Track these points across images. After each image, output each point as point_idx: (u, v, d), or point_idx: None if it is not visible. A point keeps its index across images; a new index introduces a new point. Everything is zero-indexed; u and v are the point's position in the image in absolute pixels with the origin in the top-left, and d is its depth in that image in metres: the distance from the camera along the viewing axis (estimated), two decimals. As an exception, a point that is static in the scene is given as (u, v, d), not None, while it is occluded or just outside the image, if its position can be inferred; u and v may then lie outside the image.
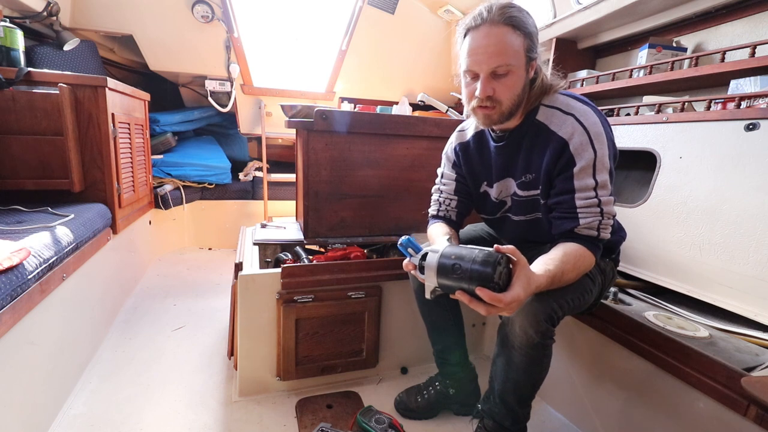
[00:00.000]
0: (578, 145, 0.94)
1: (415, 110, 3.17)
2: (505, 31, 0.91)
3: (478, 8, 0.95)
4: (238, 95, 2.99)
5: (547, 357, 0.98)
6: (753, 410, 0.84)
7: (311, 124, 1.52)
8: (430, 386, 1.36)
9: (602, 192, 0.94)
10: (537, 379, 1.01)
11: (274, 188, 3.08)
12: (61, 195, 1.67)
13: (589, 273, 1.01)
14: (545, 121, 1.00)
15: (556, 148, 0.97)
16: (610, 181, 0.95)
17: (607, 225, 0.95)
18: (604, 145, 0.94)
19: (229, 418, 1.30)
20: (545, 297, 0.91)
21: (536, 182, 1.04)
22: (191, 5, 2.58)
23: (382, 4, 2.93)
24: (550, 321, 0.92)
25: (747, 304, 1.19)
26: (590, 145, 0.93)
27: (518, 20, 0.92)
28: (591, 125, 0.95)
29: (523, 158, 1.05)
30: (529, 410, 1.06)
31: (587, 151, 0.93)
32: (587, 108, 0.98)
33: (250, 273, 1.34)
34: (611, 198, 0.95)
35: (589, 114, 0.96)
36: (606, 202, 0.94)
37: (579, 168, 0.94)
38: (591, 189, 0.94)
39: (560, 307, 0.93)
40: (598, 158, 0.93)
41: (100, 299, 1.69)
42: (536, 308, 0.91)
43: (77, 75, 1.68)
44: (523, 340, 0.93)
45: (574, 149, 0.94)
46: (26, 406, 1.09)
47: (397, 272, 1.49)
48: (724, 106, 1.33)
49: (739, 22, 1.51)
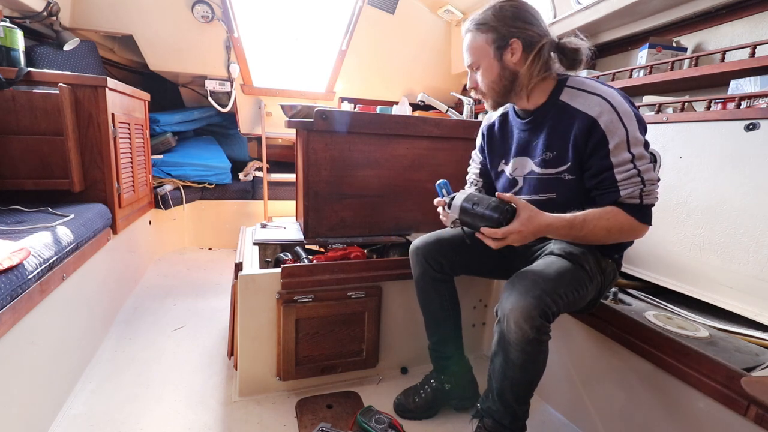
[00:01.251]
0: (608, 123, 0.98)
1: (415, 110, 3.17)
2: (469, 36, 1.10)
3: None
4: (238, 95, 2.99)
5: (543, 353, 0.99)
6: (753, 410, 0.84)
7: (311, 124, 1.52)
8: (426, 384, 1.36)
9: (640, 163, 0.97)
10: (534, 376, 1.01)
11: (274, 188, 3.08)
12: (61, 195, 1.67)
13: (586, 268, 1.03)
14: (569, 101, 1.05)
15: (584, 126, 1.00)
16: (647, 147, 0.99)
17: (651, 191, 0.98)
18: (633, 122, 0.98)
19: (229, 418, 1.30)
20: (539, 292, 0.93)
21: (558, 160, 1.08)
22: (191, 5, 2.58)
23: (382, 4, 2.93)
24: (544, 316, 0.93)
25: (747, 304, 1.19)
26: (621, 123, 0.97)
27: (481, 21, 1.07)
28: (618, 104, 0.99)
29: (545, 137, 1.10)
30: (527, 408, 1.06)
31: (619, 128, 0.97)
32: (613, 90, 1.03)
33: (250, 273, 1.34)
34: (650, 165, 0.98)
35: (615, 95, 1.01)
36: (645, 170, 0.97)
37: (613, 145, 0.98)
38: (629, 162, 0.97)
39: (554, 302, 0.94)
40: (630, 134, 0.97)
41: (100, 299, 1.69)
42: (529, 303, 0.92)
43: (77, 75, 1.68)
44: (519, 335, 0.94)
45: (605, 127, 0.98)
46: (26, 406, 1.09)
47: (397, 272, 1.50)
48: (724, 106, 1.33)
49: (739, 22, 1.51)
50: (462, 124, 1.75)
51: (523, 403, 1.05)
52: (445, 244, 1.28)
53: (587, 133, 1.00)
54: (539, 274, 0.98)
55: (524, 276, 0.98)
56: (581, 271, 1.02)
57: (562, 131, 1.05)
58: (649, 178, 0.98)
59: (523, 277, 0.98)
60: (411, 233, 1.74)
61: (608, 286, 1.15)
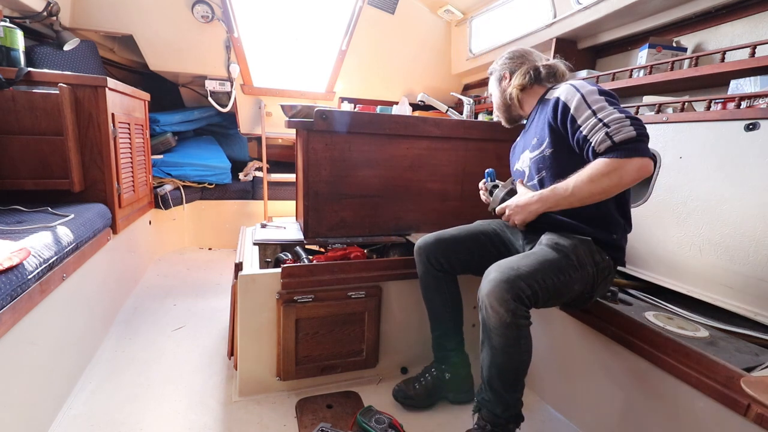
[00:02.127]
0: (567, 95, 1.11)
1: (415, 110, 3.17)
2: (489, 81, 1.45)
3: None
4: (238, 95, 2.99)
5: (523, 338, 1.01)
6: (753, 410, 0.84)
7: (311, 124, 1.52)
8: (426, 373, 1.41)
9: (601, 112, 1.03)
10: (518, 362, 1.03)
11: (274, 188, 3.08)
12: (61, 195, 1.67)
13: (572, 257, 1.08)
14: (547, 96, 1.23)
15: (552, 106, 1.15)
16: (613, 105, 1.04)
17: (619, 128, 0.99)
18: (590, 89, 1.08)
19: (229, 418, 1.30)
20: (512, 276, 0.99)
21: (540, 142, 1.22)
22: (191, 5, 2.58)
23: (382, 4, 2.93)
24: (518, 299, 0.97)
25: (747, 304, 1.19)
26: (576, 91, 1.09)
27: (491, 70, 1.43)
28: (579, 85, 1.12)
29: (533, 127, 1.28)
30: (518, 396, 1.08)
31: (575, 95, 1.09)
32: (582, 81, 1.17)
33: (250, 273, 1.34)
34: (614, 110, 1.02)
35: (580, 81, 1.15)
36: (607, 115, 1.02)
37: (574, 108, 1.08)
38: (591, 116, 1.04)
39: (528, 286, 0.98)
40: (585, 95, 1.07)
41: (100, 299, 1.69)
42: (502, 287, 0.97)
43: (77, 75, 1.68)
44: (496, 320, 0.98)
45: (565, 99, 1.11)
46: (26, 406, 1.09)
47: (397, 272, 1.50)
48: (724, 106, 1.33)
49: (739, 22, 1.51)
50: (462, 124, 1.75)
51: (511, 391, 1.06)
52: (443, 244, 1.34)
53: (554, 108, 1.14)
54: (517, 260, 1.05)
55: (502, 262, 1.05)
56: (565, 259, 1.06)
57: (542, 117, 1.21)
58: (611, 118, 1.01)
59: (501, 263, 1.05)
60: (411, 233, 1.74)
61: (602, 282, 1.15)
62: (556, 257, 1.06)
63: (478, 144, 1.77)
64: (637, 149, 0.98)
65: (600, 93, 1.07)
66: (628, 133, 0.98)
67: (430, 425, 1.31)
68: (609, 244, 1.14)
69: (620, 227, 1.16)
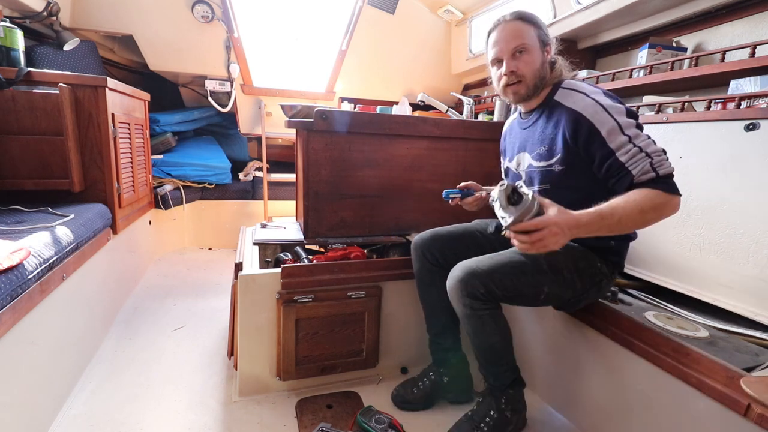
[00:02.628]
0: (594, 114, 1.04)
1: (415, 110, 3.17)
2: (518, 24, 1.16)
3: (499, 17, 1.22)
4: (238, 95, 2.99)
5: (488, 324, 1.11)
6: (753, 410, 0.84)
7: (311, 124, 1.52)
8: (424, 377, 1.41)
9: (639, 140, 1.00)
10: (489, 342, 1.14)
11: (274, 188, 3.07)
12: (61, 195, 1.67)
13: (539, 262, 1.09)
14: (561, 100, 1.14)
15: (571, 119, 1.08)
16: (641, 128, 1.02)
17: (661, 161, 0.98)
18: (621, 113, 1.03)
19: (229, 418, 1.30)
20: (467, 275, 1.07)
21: (550, 153, 1.15)
22: (191, 5, 2.58)
23: (382, 4, 2.93)
24: (471, 296, 1.07)
25: (747, 304, 1.19)
26: (606, 113, 1.03)
27: (528, 16, 1.17)
28: (602, 100, 1.05)
29: (540, 132, 1.19)
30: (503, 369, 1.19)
31: (606, 118, 1.02)
32: (598, 89, 1.11)
33: (250, 273, 1.34)
34: (650, 140, 1.00)
35: (599, 93, 1.08)
36: (646, 145, 0.99)
37: (606, 132, 1.02)
38: (627, 143, 1.00)
39: (482, 284, 1.06)
40: (619, 122, 1.01)
41: (100, 299, 1.69)
42: (458, 285, 1.08)
43: (77, 75, 1.68)
44: (458, 311, 1.14)
45: (592, 118, 1.04)
46: (26, 406, 1.09)
47: (397, 272, 1.50)
48: (724, 106, 1.33)
49: (739, 22, 1.51)
50: (462, 124, 1.75)
51: (495, 365, 1.18)
52: (439, 239, 1.36)
53: (575, 126, 1.07)
54: (479, 260, 1.11)
55: (466, 261, 1.12)
56: (531, 262, 1.09)
57: (554, 125, 1.14)
58: (653, 150, 0.98)
59: (465, 262, 1.12)
60: (411, 233, 1.74)
61: (595, 288, 1.16)
62: (521, 259, 1.09)
63: (478, 144, 1.77)
64: (676, 186, 0.99)
65: (628, 115, 1.02)
66: (669, 168, 0.98)
67: (430, 425, 1.31)
68: (605, 250, 1.15)
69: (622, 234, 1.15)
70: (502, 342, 1.15)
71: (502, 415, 1.18)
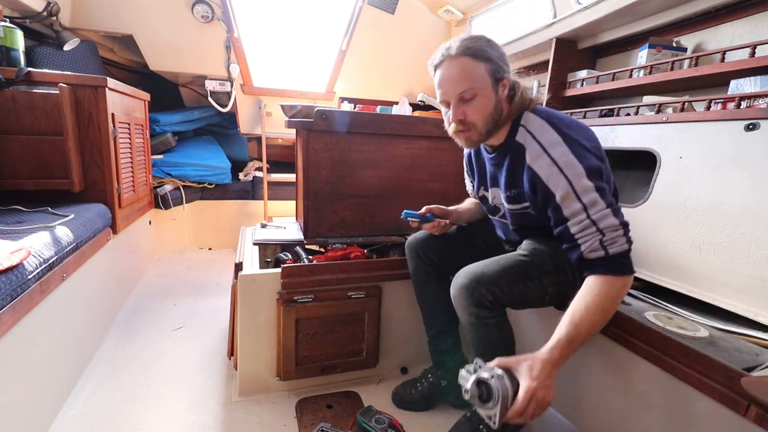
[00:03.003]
0: (549, 176, 0.97)
1: (415, 110, 3.17)
2: (465, 61, 1.01)
3: (441, 46, 1.06)
4: (238, 95, 2.99)
5: (492, 333, 1.08)
6: (753, 410, 0.84)
7: (311, 124, 1.52)
8: (423, 379, 1.40)
9: (594, 210, 0.93)
10: (493, 349, 1.09)
11: (274, 188, 3.07)
12: (61, 195, 1.67)
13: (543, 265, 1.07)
14: (522, 141, 1.04)
15: (528, 177, 1.02)
16: (602, 193, 0.94)
17: (614, 239, 0.92)
18: (576, 169, 0.94)
19: (229, 418, 1.30)
20: (474, 283, 1.02)
21: (519, 198, 1.10)
22: (191, 5, 2.58)
23: (382, 4, 2.93)
24: (479, 305, 1.03)
25: (747, 304, 1.19)
26: (561, 175, 0.95)
27: (475, 49, 1.00)
28: (559, 156, 0.96)
29: (506, 175, 1.11)
30: None
31: (561, 181, 0.95)
32: (555, 137, 0.99)
33: (250, 273, 1.34)
34: (607, 211, 0.93)
35: (556, 144, 0.97)
36: (601, 218, 0.93)
37: (560, 197, 0.96)
38: (581, 212, 0.94)
39: (489, 292, 1.02)
40: (574, 185, 0.94)
41: (100, 299, 1.69)
42: (464, 293, 1.04)
43: (77, 75, 1.68)
44: (462, 319, 1.10)
45: (547, 180, 0.97)
46: (26, 406, 1.09)
47: (397, 272, 1.50)
48: (724, 106, 1.32)
49: (739, 22, 1.51)
50: (462, 124, 1.74)
51: None
52: (433, 240, 1.35)
53: (532, 185, 1.01)
54: (483, 266, 1.07)
55: (469, 267, 1.08)
56: (536, 265, 1.07)
57: (519, 173, 1.06)
58: (606, 225, 0.92)
59: (469, 268, 1.08)
60: (411, 233, 1.74)
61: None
62: (525, 263, 1.07)
63: (478, 144, 1.77)
64: (628, 265, 0.94)
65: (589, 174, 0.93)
66: (621, 246, 0.92)
67: (430, 425, 1.31)
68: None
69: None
70: (505, 349, 1.13)
71: None
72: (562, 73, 2.10)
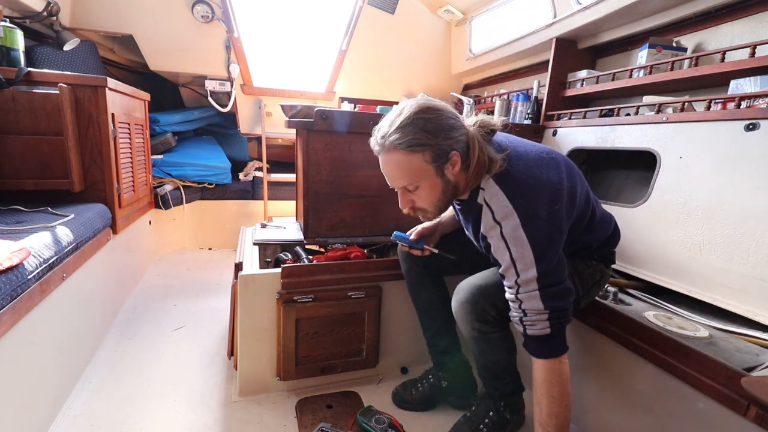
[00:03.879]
0: (497, 248, 0.96)
1: (415, 110, 3.17)
2: (397, 157, 0.95)
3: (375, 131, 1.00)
4: (238, 95, 2.99)
5: (495, 345, 1.09)
6: (753, 410, 0.84)
7: (311, 124, 1.52)
8: (424, 379, 1.40)
9: (524, 288, 0.93)
10: (496, 360, 1.12)
11: (274, 188, 3.07)
12: (61, 195, 1.67)
13: None
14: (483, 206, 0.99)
15: (485, 245, 1.02)
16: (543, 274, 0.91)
17: (534, 321, 0.93)
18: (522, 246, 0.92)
19: (229, 418, 1.30)
20: (477, 297, 1.03)
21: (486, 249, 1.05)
22: (191, 5, 2.58)
23: (382, 4, 2.93)
24: (482, 320, 1.04)
25: (747, 304, 1.19)
26: (506, 249, 0.94)
27: (408, 142, 0.92)
28: (509, 231, 0.93)
29: (472, 232, 1.11)
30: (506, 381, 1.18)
31: (504, 254, 0.95)
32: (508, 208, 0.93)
33: (250, 273, 1.34)
34: (535, 293, 0.92)
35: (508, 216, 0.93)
36: (527, 298, 0.93)
37: (502, 269, 0.97)
38: (513, 287, 0.95)
39: (492, 306, 1.03)
40: (515, 258, 0.93)
41: (100, 299, 1.69)
42: (467, 308, 1.04)
43: (77, 75, 1.68)
44: (466, 333, 1.10)
45: (495, 251, 0.97)
46: (26, 406, 1.09)
47: (397, 272, 1.49)
48: (724, 106, 1.33)
49: (739, 22, 1.51)
50: (462, 124, 1.74)
51: (496, 379, 1.18)
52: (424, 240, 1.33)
53: (487, 249, 1.01)
54: (484, 277, 1.07)
55: (469, 281, 1.08)
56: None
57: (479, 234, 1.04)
58: (529, 307, 0.93)
59: (469, 280, 1.08)
60: (411, 233, 1.74)
61: (595, 286, 1.16)
62: None
63: (478, 144, 1.77)
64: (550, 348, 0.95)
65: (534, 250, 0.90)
66: (542, 330, 0.93)
67: (430, 425, 1.31)
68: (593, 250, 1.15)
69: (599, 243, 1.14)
70: (507, 359, 1.14)
71: (501, 416, 1.18)
72: (562, 73, 2.10)
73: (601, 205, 1.19)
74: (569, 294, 0.95)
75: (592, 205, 1.10)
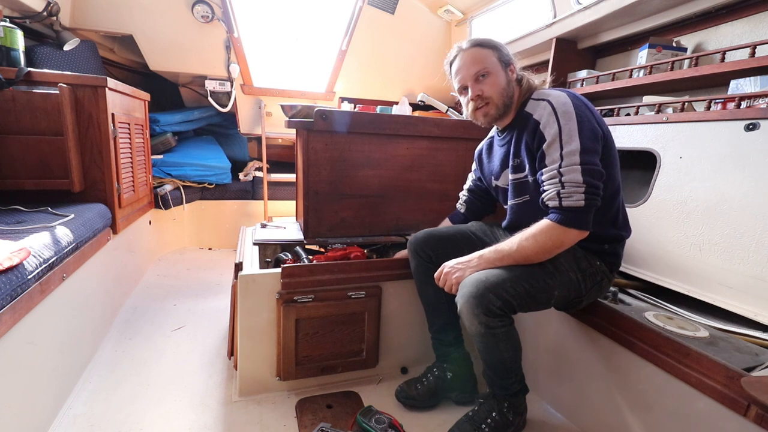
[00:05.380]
0: (545, 122, 1.07)
1: (415, 110, 3.17)
2: (476, 50, 1.19)
3: (454, 46, 1.24)
4: (238, 95, 2.99)
5: (501, 341, 1.08)
6: (753, 410, 0.84)
7: (311, 124, 1.52)
8: (428, 374, 1.41)
9: (566, 162, 1.02)
10: (502, 357, 1.12)
11: (274, 188, 3.08)
12: (61, 195, 1.67)
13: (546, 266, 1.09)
14: (530, 110, 1.15)
15: (531, 129, 1.12)
16: (584, 151, 1.01)
17: (571, 193, 1.01)
18: (571, 121, 1.04)
19: (229, 418, 1.30)
20: (482, 290, 1.03)
21: (521, 165, 1.19)
22: (191, 5, 2.58)
23: (382, 4, 2.93)
24: (489, 313, 1.04)
25: (747, 304, 1.19)
26: (555, 120, 1.05)
27: (484, 41, 1.20)
28: (560, 105, 1.06)
29: (513, 145, 1.22)
30: (512, 380, 1.18)
31: (552, 126, 1.05)
32: (562, 93, 1.11)
33: (250, 273, 1.34)
34: (577, 168, 1.01)
35: (561, 96, 1.09)
36: (568, 171, 1.01)
37: (547, 144, 1.06)
38: (555, 161, 1.04)
39: (497, 297, 1.03)
40: (563, 131, 1.03)
41: (100, 299, 1.69)
42: (472, 302, 1.04)
43: (77, 75, 1.68)
44: (471, 329, 1.08)
45: (543, 126, 1.08)
46: (26, 406, 1.09)
47: (397, 272, 1.50)
48: (724, 106, 1.33)
49: (739, 22, 1.51)
50: (462, 124, 1.74)
51: (505, 377, 1.17)
52: (433, 238, 1.38)
53: (533, 135, 1.10)
54: (486, 273, 1.08)
55: (472, 277, 1.09)
56: (539, 267, 1.08)
57: (522, 137, 1.16)
58: (569, 179, 1.01)
59: (471, 278, 1.09)
60: (411, 233, 1.74)
61: (596, 286, 1.16)
62: (530, 265, 1.08)
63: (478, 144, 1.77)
64: (579, 221, 1.02)
65: (580, 129, 1.02)
66: (576, 202, 1.01)
67: (431, 425, 1.31)
68: (601, 252, 1.16)
69: (613, 238, 1.16)
70: (513, 356, 1.14)
71: (504, 417, 1.18)
72: (562, 73, 2.10)
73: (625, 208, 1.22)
74: (602, 176, 1.03)
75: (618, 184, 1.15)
